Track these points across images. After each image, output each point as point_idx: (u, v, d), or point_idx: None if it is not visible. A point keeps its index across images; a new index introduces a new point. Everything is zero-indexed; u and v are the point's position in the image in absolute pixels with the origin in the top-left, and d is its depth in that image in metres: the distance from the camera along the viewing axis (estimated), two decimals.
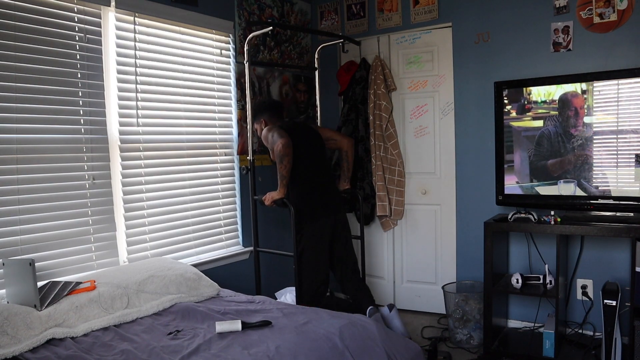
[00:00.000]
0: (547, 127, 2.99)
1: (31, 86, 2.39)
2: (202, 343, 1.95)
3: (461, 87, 3.55)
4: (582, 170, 2.92)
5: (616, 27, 2.97)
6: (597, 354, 2.84)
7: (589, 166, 2.90)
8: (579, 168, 2.92)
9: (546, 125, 2.99)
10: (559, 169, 2.97)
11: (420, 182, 3.80)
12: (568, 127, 2.94)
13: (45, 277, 2.40)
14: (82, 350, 1.92)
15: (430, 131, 3.73)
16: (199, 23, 3.17)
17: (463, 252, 3.62)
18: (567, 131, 2.94)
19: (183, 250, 3.12)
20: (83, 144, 2.61)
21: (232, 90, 3.44)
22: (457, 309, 3.25)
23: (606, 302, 2.65)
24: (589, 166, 2.90)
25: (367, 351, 1.99)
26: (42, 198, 2.44)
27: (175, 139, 3.10)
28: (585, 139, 2.90)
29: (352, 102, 3.83)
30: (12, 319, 1.94)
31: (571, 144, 2.93)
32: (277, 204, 2.94)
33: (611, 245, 3.05)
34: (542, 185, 3.03)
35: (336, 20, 4.06)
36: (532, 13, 3.22)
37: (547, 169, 3.00)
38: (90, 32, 2.63)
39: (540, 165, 3.02)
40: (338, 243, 3.08)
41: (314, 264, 2.92)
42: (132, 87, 2.84)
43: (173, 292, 2.46)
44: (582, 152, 2.91)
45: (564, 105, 2.95)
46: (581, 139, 2.91)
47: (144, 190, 2.92)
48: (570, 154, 2.94)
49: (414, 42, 3.73)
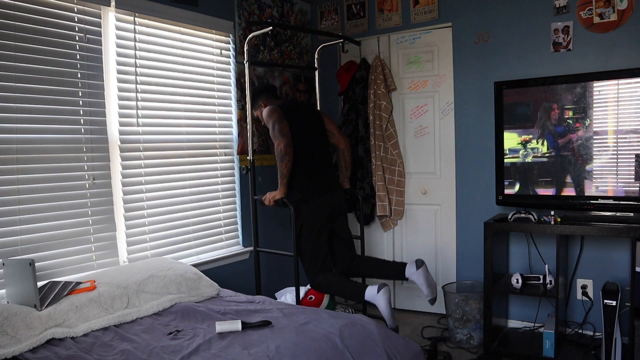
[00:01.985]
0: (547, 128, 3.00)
1: (31, 86, 2.39)
2: (202, 343, 1.95)
3: (461, 87, 3.56)
4: (582, 170, 2.91)
5: (616, 27, 2.97)
6: (597, 354, 2.84)
7: (589, 166, 2.90)
8: (579, 168, 2.92)
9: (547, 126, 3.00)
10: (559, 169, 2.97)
11: (420, 182, 3.80)
12: (568, 127, 2.94)
13: (45, 277, 2.40)
14: (82, 350, 1.92)
15: (430, 131, 3.73)
16: (199, 23, 3.17)
17: (463, 252, 3.62)
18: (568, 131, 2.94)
19: (183, 250, 3.12)
20: (83, 144, 2.61)
21: (232, 90, 3.44)
22: (457, 309, 3.25)
23: (606, 302, 2.65)
24: (589, 166, 2.90)
25: (367, 351, 1.99)
26: (42, 198, 2.44)
27: (175, 139, 3.10)
28: (585, 139, 2.90)
29: (352, 102, 3.83)
30: (12, 319, 1.94)
31: (571, 144, 2.93)
32: (278, 204, 2.94)
33: (611, 245, 3.05)
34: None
35: (336, 20, 4.06)
36: (532, 13, 3.22)
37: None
38: (90, 32, 2.63)
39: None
40: (337, 226, 3.05)
41: (312, 239, 2.87)
42: (132, 87, 2.84)
43: (173, 292, 2.46)
44: (582, 152, 2.91)
45: (563, 106, 2.95)
46: (581, 139, 2.91)
47: (144, 190, 2.92)
48: (571, 154, 2.94)
49: (414, 42, 3.73)
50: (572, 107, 2.93)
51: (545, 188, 3.03)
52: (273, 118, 2.85)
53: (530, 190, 3.07)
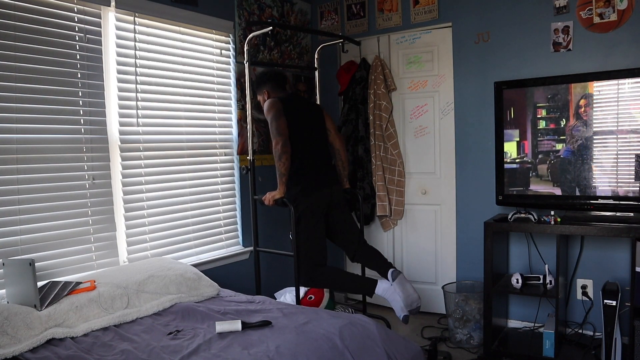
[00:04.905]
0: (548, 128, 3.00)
1: (31, 86, 2.39)
2: (202, 343, 1.95)
3: (461, 87, 3.56)
4: (582, 170, 2.91)
5: (616, 27, 2.97)
6: (597, 354, 2.84)
7: (589, 166, 2.90)
8: (579, 168, 2.92)
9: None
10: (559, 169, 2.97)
11: (420, 182, 3.80)
12: (568, 127, 2.94)
13: (45, 277, 2.40)
14: (82, 350, 1.92)
15: (430, 131, 3.73)
16: (199, 23, 3.17)
17: (463, 252, 3.62)
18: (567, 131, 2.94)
19: (183, 250, 3.12)
20: (83, 144, 2.61)
21: (232, 90, 3.44)
22: (457, 309, 3.25)
23: (606, 302, 2.65)
24: (589, 166, 2.90)
25: (367, 351, 1.99)
26: (42, 198, 2.44)
27: (175, 139, 3.10)
28: (585, 138, 2.90)
29: (352, 102, 3.83)
30: (12, 319, 1.94)
31: (571, 144, 2.94)
32: (278, 204, 2.94)
33: (611, 245, 3.05)
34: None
35: (336, 20, 4.06)
36: (532, 13, 3.22)
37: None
38: (90, 32, 2.63)
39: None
40: (338, 216, 3.00)
41: (310, 232, 2.84)
42: (132, 87, 2.84)
43: (173, 292, 2.46)
44: (582, 152, 2.91)
45: (563, 106, 2.95)
46: (581, 138, 2.91)
47: (144, 190, 2.92)
48: (570, 154, 2.94)
49: (414, 42, 3.73)
50: (572, 107, 2.92)
51: (545, 188, 3.03)
52: (272, 113, 2.82)
53: (529, 191, 3.07)
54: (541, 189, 3.04)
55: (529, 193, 3.08)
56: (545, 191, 3.02)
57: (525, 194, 3.09)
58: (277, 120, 2.79)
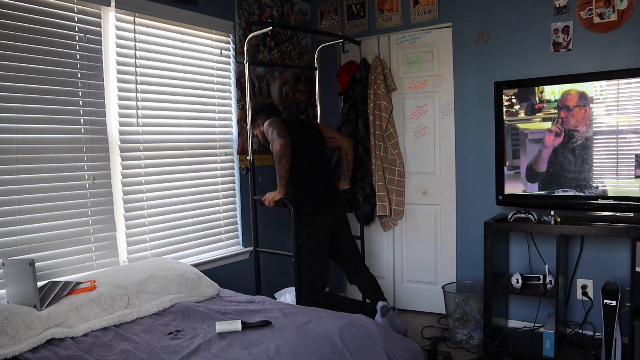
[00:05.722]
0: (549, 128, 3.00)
1: (31, 86, 2.39)
2: (202, 343, 1.95)
3: (461, 87, 3.56)
4: (582, 170, 2.91)
5: (616, 27, 2.97)
6: (597, 354, 2.84)
7: (589, 166, 2.90)
8: (579, 168, 2.92)
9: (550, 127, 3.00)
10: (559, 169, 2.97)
11: (420, 182, 3.80)
12: (568, 127, 2.94)
13: (45, 277, 2.40)
14: (82, 350, 1.92)
15: (430, 131, 3.73)
16: (199, 23, 3.17)
17: (463, 252, 3.62)
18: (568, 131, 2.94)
19: (183, 250, 3.12)
20: (83, 144, 2.61)
21: (232, 90, 3.44)
22: (457, 309, 3.25)
23: (606, 302, 2.65)
24: (589, 166, 2.90)
25: (367, 351, 1.99)
26: (42, 198, 2.44)
27: (175, 139, 3.10)
28: (585, 138, 2.90)
29: (352, 102, 3.83)
30: (12, 319, 1.94)
31: (571, 144, 2.93)
32: (277, 204, 2.94)
33: (611, 245, 3.05)
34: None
35: (336, 20, 4.06)
36: (532, 13, 3.22)
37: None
38: (90, 32, 2.63)
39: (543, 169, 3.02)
40: (340, 238, 3.06)
41: (312, 258, 2.89)
42: (132, 87, 2.84)
43: (173, 292, 2.46)
44: (582, 152, 2.91)
45: (563, 106, 2.95)
46: (581, 138, 2.91)
47: (144, 190, 2.92)
48: (571, 154, 2.94)
49: (414, 42, 3.73)
50: (572, 107, 2.92)
51: (545, 187, 3.03)
52: (273, 126, 2.86)
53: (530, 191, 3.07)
54: (541, 188, 3.04)
55: (528, 193, 3.08)
56: (545, 191, 3.03)
57: (525, 193, 3.08)
58: (278, 128, 2.82)
